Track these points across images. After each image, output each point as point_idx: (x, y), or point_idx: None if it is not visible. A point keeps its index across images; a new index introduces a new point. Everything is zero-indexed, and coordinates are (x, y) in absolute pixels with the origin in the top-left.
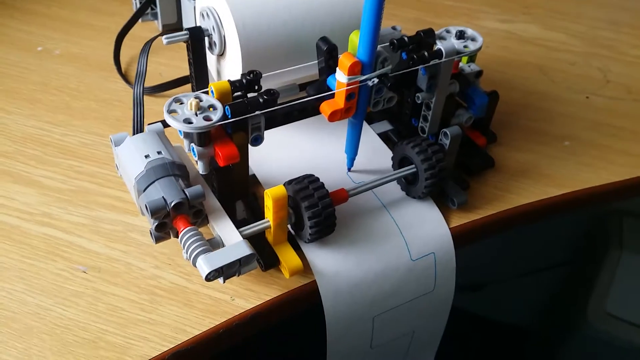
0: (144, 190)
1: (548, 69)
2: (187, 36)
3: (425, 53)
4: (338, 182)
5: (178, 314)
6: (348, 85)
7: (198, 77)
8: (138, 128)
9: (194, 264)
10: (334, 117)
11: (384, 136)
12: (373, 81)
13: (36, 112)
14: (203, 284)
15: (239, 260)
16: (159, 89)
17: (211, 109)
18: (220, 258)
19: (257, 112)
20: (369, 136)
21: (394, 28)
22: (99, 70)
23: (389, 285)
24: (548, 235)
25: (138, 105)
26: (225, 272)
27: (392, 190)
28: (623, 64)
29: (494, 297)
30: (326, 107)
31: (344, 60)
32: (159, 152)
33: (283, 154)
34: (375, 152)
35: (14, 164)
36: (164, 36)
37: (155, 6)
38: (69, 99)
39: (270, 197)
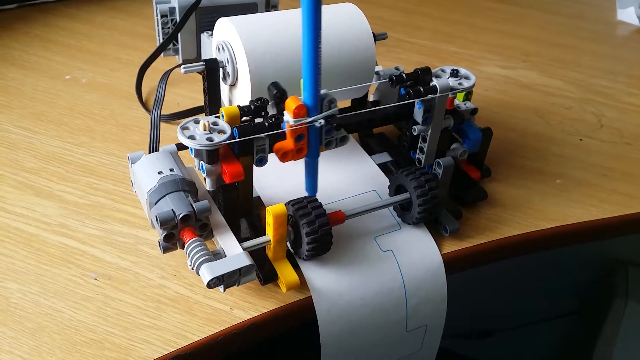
0: (156, 203)
1: (544, 112)
2: (203, 67)
3: (421, 88)
4: (338, 207)
5: (180, 321)
6: (294, 127)
7: (212, 104)
8: (154, 148)
9: (197, 272)
10: (285, 157)
11: (383, 166)
12: (320, 122)
13: (61, 133)
14: (205, 294)
15: (239, 269)
16: (176, 117)
17: (222, 133)
18: (222, 267)
19: (262, 135)
20: (370, 166)
21: (396, 68)
22: (121, 98)
23: (379, 312)
24: (555, 284)
25: (155, 128)
26: (225, 280)
27: (388, 216)
28: (617, 109)
29: (501, 345)
30: (279, 148)
31: (290, 104)
32: (171, 170)
33: (287, 179)
34: (374, 181)
35: (37, 179)
36: (182, 66)
37: (177, 42)
38: (92, 123)
39: (271, 214)
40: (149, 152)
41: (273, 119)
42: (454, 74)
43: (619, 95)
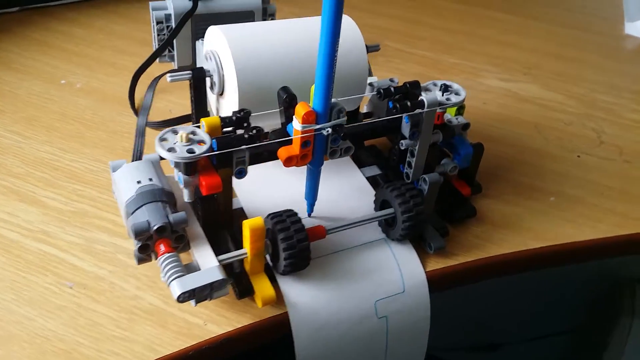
0: (132, 213)
1: (543, 127)
2: (190, 75)
3: (408, 102)
4: (321, 220)
5: (152, 333)
6: (302, 133)
7: (198, 114)
8: (137, 156)
9: (168, 286)
10: (289, 162)
11: (372, 180)
12: (327, 131)
13: (51, 138)
14: (179, 307)
15: (211, 284)
16: (166, 124)
17: (202, 143)
18: (193, 281)
19: (242, 147)
20: (358, 179)
21: (391, 80)
22: (114, 104)
23: (357, 330)
24: (560, 300)
25: (140, 136)
26: (197, 295)
27: (373, 231)
28: (618, 126)
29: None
30: (283, 152)
31: (299, 109)
32: (150, 179)
33: (272, 191)
34: (362, 195)
35: (23, 184)
36: (168, 74)
37: (173, 49)
38: (83, 128)
39: (248, 228)
40: (133, 160)
41: (254, 131)
42: (444, 88)
43: (622, 111)
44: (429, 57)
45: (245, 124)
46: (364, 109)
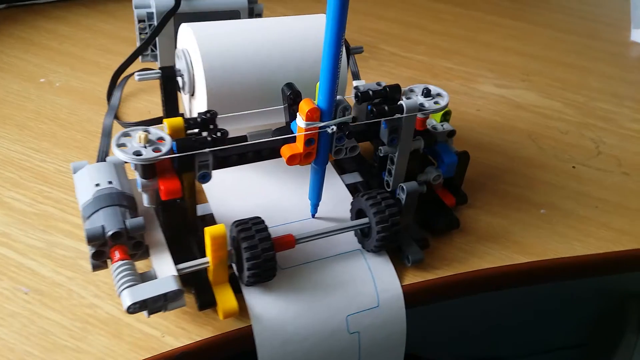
0: (88, 217)
1: (538, 136)
2: (159, 75)
3: (386, 107)
4: (302, 229)
5: (106, 344)
6: (306, 130)
7: (169, 115)
8: (102, 158)
9: (119, 295)
10: (292, 160)
11: (353, 187)
12: (332, 129)
13: (23, 138)
14: (137, 317)
15: (165, 295)
16: (140, 124)
17: (162, 140)
18: (145, 291)
19: (204, 150)
20: (337, 186)
21: (378, 84)
22: (92, 104)
23: (327, 345)
24: (563, 315)
25: (105, 136)
26: (149, 306)
27: (348, 241)
28: (618, 136)
29: None
30: (286, 150)
31: (303, 106)
32: (110, 182)
33: (247, 197)
34: (341, 203)
35: None
36: (137, 73)
37: (155, 48)
38: (57, 128)
39: (209, 235)
40: (97, 162)
41: (219, 134)
42: (426, 93)
43: (622, 121)
44: (424, 61)
45: (211, 126)
46: None
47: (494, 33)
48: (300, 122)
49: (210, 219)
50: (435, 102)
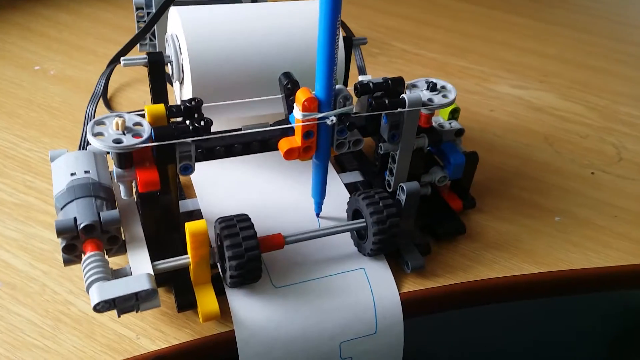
0: (62, 209)
1: (555, 139)
2: (146, 60)
3: (386, 100)
4: (296, 230)
5: (76, 344)
6: (303, 121)
7: (156, 103)
8: (83, 146)
9: (87, 291)
10: (290, 154)
11: (352, 187)
12: (332, 120)
13: (11, 125)
14: (111, 317)
15: (136, 294)
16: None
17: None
18: (115, 289)
19: (184, 140)
20: (335, 185)
21: (383, 79)
22: (85, 93)
23: (315, 356)
24: (583, 329)
25: (87, 125)
26: (119, 305)
27: (346, 243)
28: None
29: None
30: (284, 144)
31: (300, 96)
32: (86, 172)
33: (239, 194)
34: (339, 203)
35: None
36: (122, 58)
37: (154, 37)
38: (47, 117)
39: (189, 231)
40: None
41: (202, 123)
42: (432, 87)
43: None
44: (437, 59)
45: (196, 115)
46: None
47: (512, 32)
48: (297, 113)
49: (197, 216)
50: (444, 96)
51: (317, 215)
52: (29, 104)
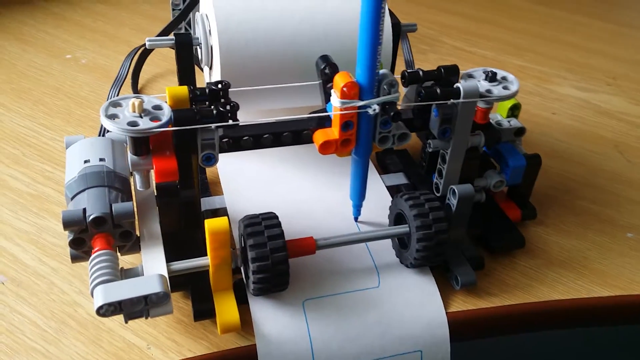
0: (72, 198)
1: (626, 147)
2: (173, 41)
3: (438, 90)
4: (331, 234)
5: (80, 351)
6: (342, 110)
7: None
8: (102, 134)
9: (91, 293)
10: (327, 148)
11: (395, 190)
12: (374, 109)
13: (35, 113)
14: (121, 323)
15: (145, 297)
16: None
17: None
18: (121, 291)
19: (208, 125)
20: (377, 187)
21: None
22: None
23: None
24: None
25: None
26: (125, 309)
27: (386, 252)
28: None
29: None
30: (319, 136)
31: (338, 80)
32: (101, 159)
33: (270, 191)
34: (382, 207)
35: None
36: (147, 38)
37: (190, 27)
38: (73, 105)
39: (208, 230)
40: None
41: (228, 107)
42: (492, 77)
43: None
44: (491, 58)
45: (222, 100)
46: (399, 107)
47: (577, 33)
48: (335, 100)
49: (222, 214)
50: (505, 88)
51: (356, 219)
52: (56, 92)
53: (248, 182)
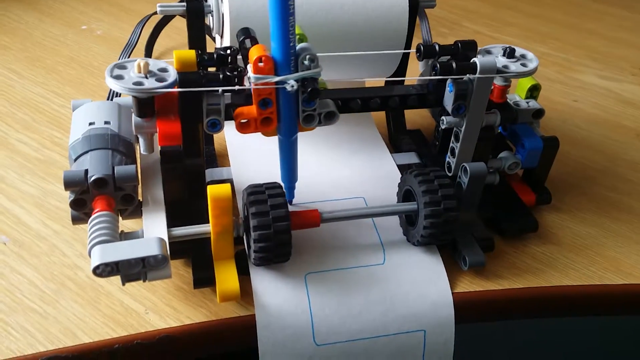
0: (75, 160)
1: None
2: (184, 8)
3: (453, 64)
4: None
5: (77, 313)
6: (255, 85)
7: None
8: (111, 98)
9: (89, 253)
10: (244, 127)
11: (406, 169)
12: (292, 85)
13: (48, 81)
14: (120, 286)
15: (142, 259)
16: None
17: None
18: (119, 252)
19: (214, 89)
20: (387, 165)
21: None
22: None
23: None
24: None
25: None
26: (122, 271)
27: (393, 229)
28: None
29: None
30: (239, 113)
31: (252, 53)
32: (106, 122)
33: (279, 164)
34: (391, 185)
35: None
36: (158, 5)
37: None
38: (86, 75)
39: (210, 196)
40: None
41: (236, 72)
42: (509, 53)
43: None
44: (514, 43)
45: (231, 65)
46: None
47: (602, 22)
48: (250, 75)
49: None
50: (523, 65)
51: (290, 202)
52: (70, 62)
53: (256, 155)
